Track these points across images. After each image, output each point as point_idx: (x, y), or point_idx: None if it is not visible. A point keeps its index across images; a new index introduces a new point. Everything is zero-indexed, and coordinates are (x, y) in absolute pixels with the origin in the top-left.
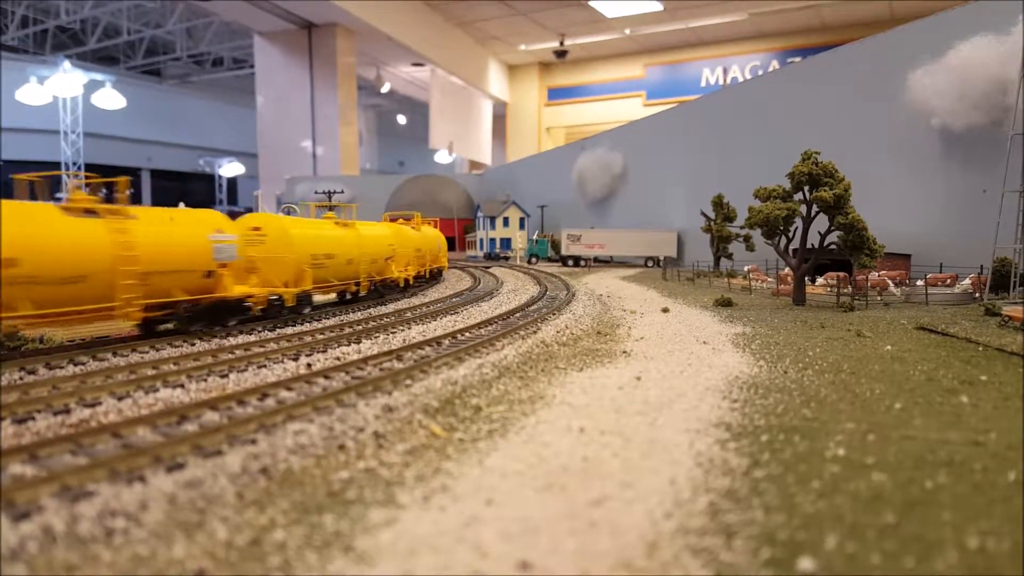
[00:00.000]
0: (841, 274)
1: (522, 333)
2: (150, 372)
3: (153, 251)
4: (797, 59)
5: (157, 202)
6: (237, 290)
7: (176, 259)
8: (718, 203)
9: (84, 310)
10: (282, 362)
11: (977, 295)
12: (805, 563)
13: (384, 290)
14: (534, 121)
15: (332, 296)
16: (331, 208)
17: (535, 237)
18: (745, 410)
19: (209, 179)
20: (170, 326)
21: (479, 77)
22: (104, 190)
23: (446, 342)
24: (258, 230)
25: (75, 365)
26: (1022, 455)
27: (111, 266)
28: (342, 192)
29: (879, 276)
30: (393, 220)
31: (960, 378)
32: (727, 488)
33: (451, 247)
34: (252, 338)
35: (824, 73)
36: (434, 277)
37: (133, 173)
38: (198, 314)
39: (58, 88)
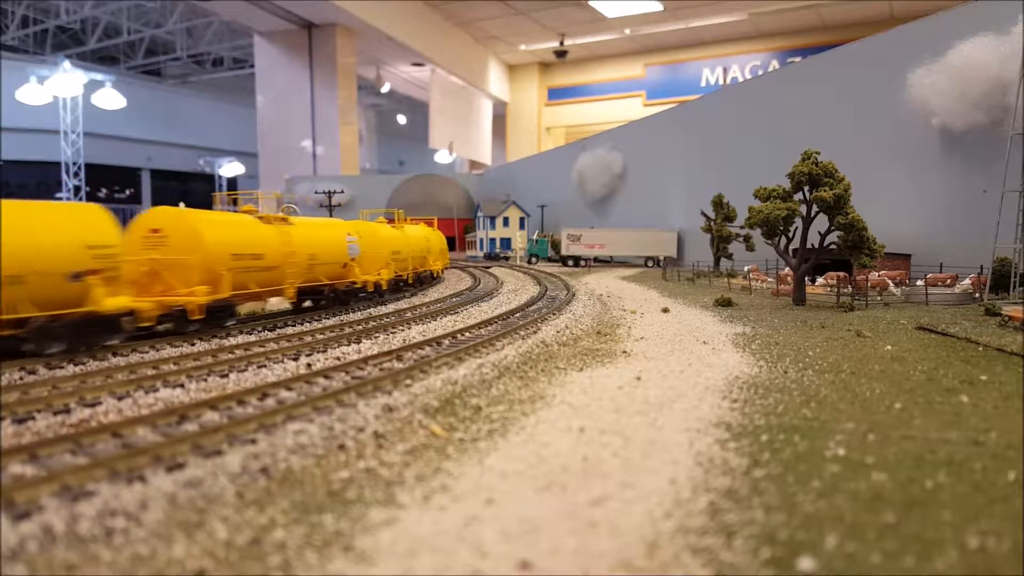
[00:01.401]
0: (841, 274)
1: (522, 333)
2: (150, 372)
3: None
4: (797, 59)
5: (156, 202)
6: (110, 303)
7: None
8: (718, 203)
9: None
10: (282, 362)
11: (977, 295)
12: (805, 563)
13: (346, 296)
14: (534, 121)
15: (286, 304)
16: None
17: (535, 237)
18: (745, 410)
19: (209, 179)
20: None
21: (479, 77)
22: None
23: (446, 342)
24: (157, 232)
25: (75, 365)
26: (1022, 455)
27: None
28: (342, 192)
29: (879, 276)
30: (389, 220)
31: (960, 378)
32: (727, 488)
33: (451, 247)
34: (252, 338)
35: (824, 73)
36: (422, 282)
37: (133, 173)
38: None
39: (58, 88)
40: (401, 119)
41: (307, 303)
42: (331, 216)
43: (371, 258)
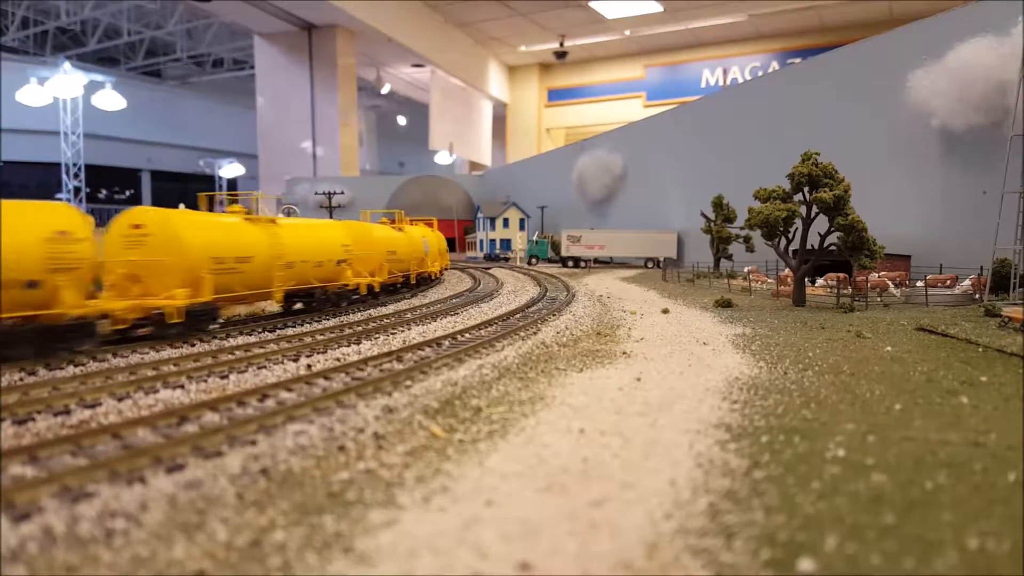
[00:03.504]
0: (841, 275)
1: (522, 334)
2: (150, 373)
3: None
4: (797, 60)
5: (156, 203)
6: (79, 306)
7: None
8: (718, 204)
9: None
10: (282, 363)
11: (977, 296)
12: (805, 564)
13: (338, 299)
14: (534, 122)
15: (275, 307)
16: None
17: (535, 238)
18: (745, 411)
19: (209, 180)
20: None
21: (479, 78)
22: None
23: (446, 343)
24: (139, 228)
25: (75, 366)
26: (1022, 456)
27: None
28: (342, 193)
29: (879, 277)
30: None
31: (960, 379)
32: (727, 489)
33: (451, 248)
34: (252, 339)
35: (824, 74)
36: (421, 283)
37: (133, 174)
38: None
39: (58, 89)
40: (401, 120)
41: (298, 305)
42: (331, 217)
43: (365, 259)
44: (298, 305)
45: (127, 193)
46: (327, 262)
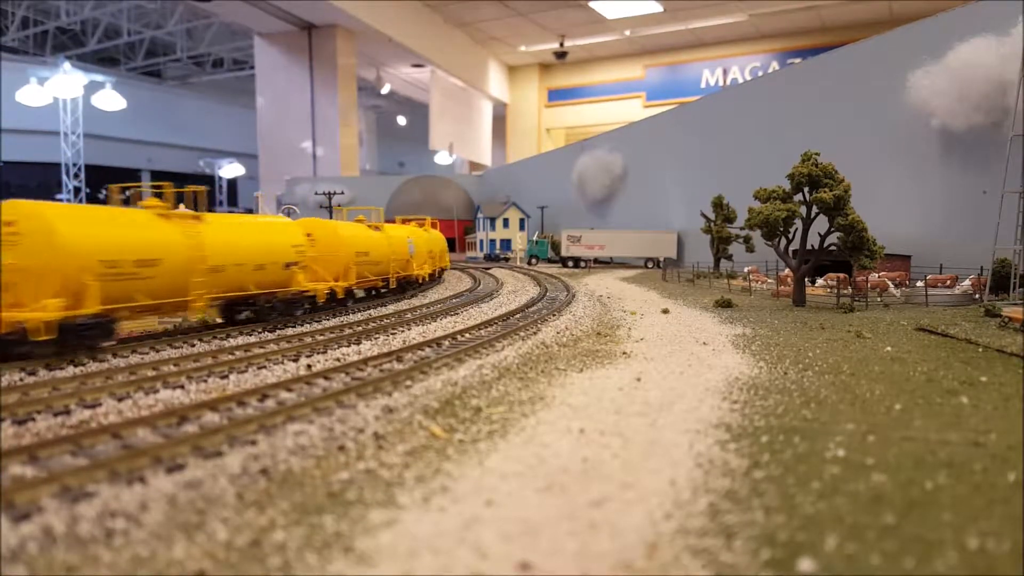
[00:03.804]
0: (841, 275)
1: (522, 334)
2: (150, 373)
3: None
4: (797, 60)
5: None
6: None
7: None
8: (718, 204)
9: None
10: (282, 363)
11: (977, 296)
12: (805, 564)
13: (288, 308)
14: (534, 122)
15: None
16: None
17: (535, 238)
18: (745, 411)
19: (209, 180)
20: None
21: (479, 78)
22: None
23: (446, 343)
24: (11, 225)
25: (75, 366)
26: (1022, 456)
27: None
28: (342, 193)
29: (879, 277)
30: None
31: (960, 379)
32: (727, 489)
33: (451, 248)
34: (252, 339)
35: (824, 74)
36: (407, 287)
37: (133, 174)
38: None
39: (58, 89)
40: (401, 120)
41: (245, 315)
42: (331, 217)
43: (327, 261)
44: (245, 314)
45: (127, 193)
46: (271, 265)
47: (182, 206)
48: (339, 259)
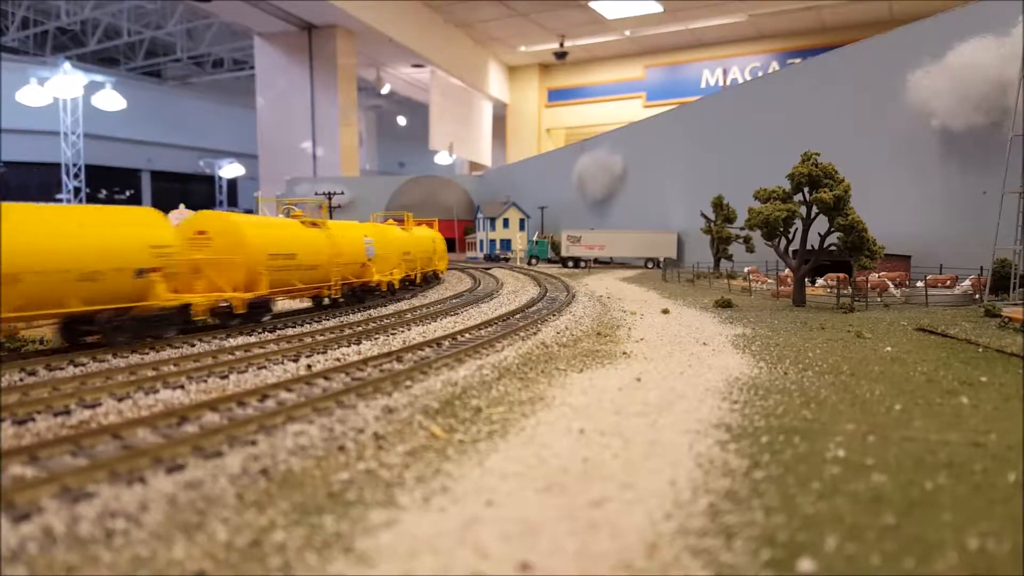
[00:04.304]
0: (841, 275)
1: (522, 334)
2: (150, 373)
3: None
4: (797, 60)
5: (157, 204)
6: None
7: None
8: (718, 204)
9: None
10: (282, 363)
11: (977, 296)
12: (805, 564)
13: (138, 327)
14: (534, 122)
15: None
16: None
17: (535, 238)
18: (745, 411)
19: (209, 180)
20: None
21: (479, 78)
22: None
23: (446, 343)
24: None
25: (75, 366)
26: (1022, 456)
27: None
28: (342, 193)
29: (879, 277)
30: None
31: (960, 379)
32: (727, 489)
33: (451, 248)
34: (252, 339)
35: (824, 74)
36: (366, 293)
37: (133, 174)
38: None
39: (58, 89)
40: (401, 120)
41: (92, 338)
42: (331, 218)
43: (220, 267)
44: (92, 338)
45: (127, 193)
46: (111, 273)
47: (182, 206)
48: (237, 264)
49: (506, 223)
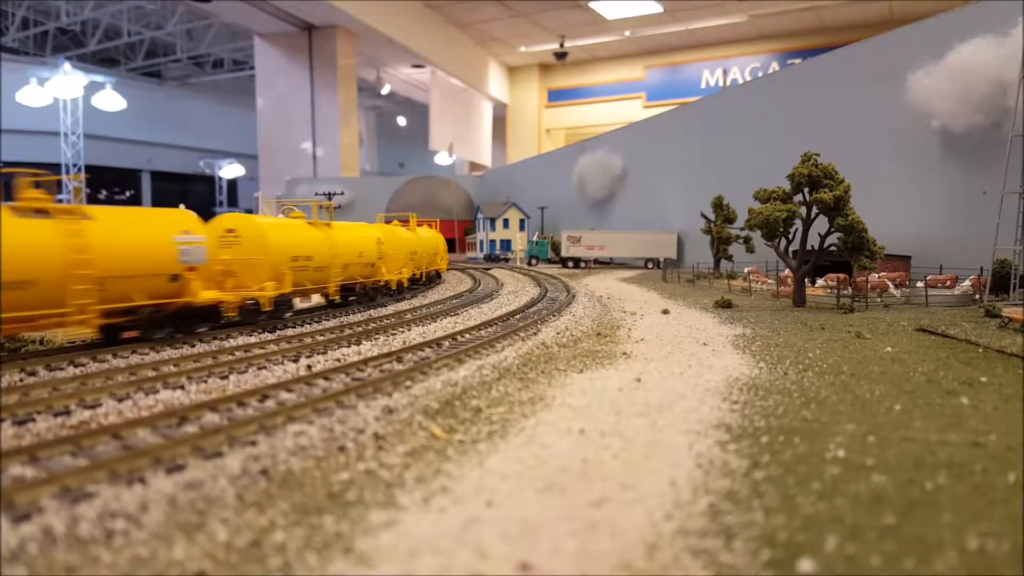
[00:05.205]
0: (841, 276)
1: (522, 335)
2: (150, 374)
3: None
4: (797, 61)
5: (157, 204)
6: None
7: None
8: (718, 204)
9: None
10: (282, 364)
11: (977, 297)
12: (805, 564)
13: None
14: (534, 123)
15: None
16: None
17: (535, 239)
18: (745, 412)
19: (209, 181)
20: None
21: (479, 79)
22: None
23: (446, 344)
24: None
25: (75, 367)
26: (1022, 456)
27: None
28: (342, 194)
29: (879, 278)
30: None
31: (960, 379)
32: (727, 489)
33: (451, 248)
34: (252, 339)
35: (824, 74)
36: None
37: (133, 175)
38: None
39: (58, 90)
40: (401, 121)
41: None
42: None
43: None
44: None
45: (127, 194)
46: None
47: (182, 205)
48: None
49: (506, 223)
